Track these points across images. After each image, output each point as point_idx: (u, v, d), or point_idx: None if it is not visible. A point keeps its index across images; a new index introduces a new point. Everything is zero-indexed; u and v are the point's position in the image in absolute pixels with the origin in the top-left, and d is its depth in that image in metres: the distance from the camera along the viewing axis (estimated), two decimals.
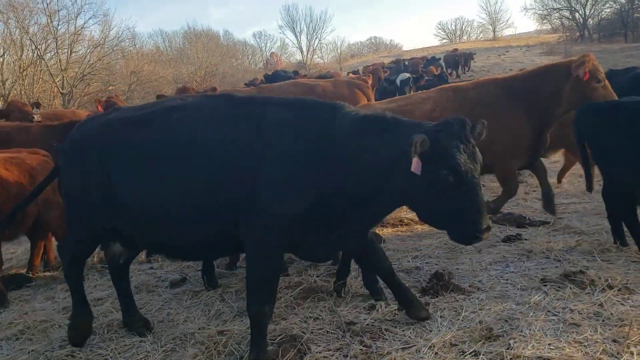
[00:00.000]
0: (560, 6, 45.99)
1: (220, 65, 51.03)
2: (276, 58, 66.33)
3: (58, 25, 35.92)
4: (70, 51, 36.70)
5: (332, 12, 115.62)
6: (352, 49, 79.84)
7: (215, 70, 48.65)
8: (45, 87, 35.07)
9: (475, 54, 34.90)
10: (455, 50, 36.86)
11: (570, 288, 4.00)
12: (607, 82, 5.67)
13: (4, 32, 34.35)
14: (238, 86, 25.37)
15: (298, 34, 67.48)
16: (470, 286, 4.25)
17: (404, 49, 74.10)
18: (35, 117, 9.15)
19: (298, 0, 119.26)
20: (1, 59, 34.16)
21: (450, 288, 4.17)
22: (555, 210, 6.03)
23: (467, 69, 32.86)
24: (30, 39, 34.89)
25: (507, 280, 4.34)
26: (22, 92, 33.10)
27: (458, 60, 31.93)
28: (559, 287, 4.04)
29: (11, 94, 33.31)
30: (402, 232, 6.11)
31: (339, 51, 69.15)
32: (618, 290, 3.91)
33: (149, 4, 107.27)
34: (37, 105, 9.77)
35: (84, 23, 37.48)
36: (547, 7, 47.79)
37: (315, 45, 67.53)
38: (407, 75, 11.38)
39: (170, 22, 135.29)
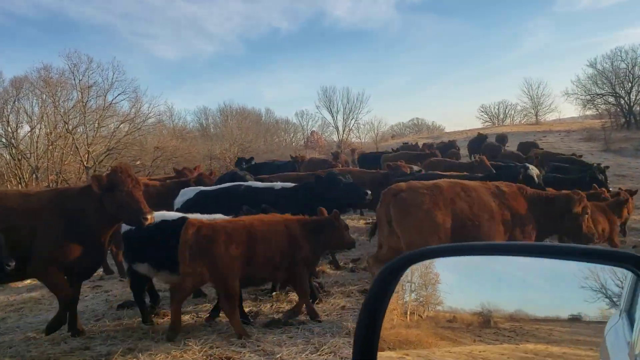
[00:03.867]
0: (603, 92, 43.30)
1: (254, 142, 51.34)
2: (316, 136, 66.83)
3: (88, 100, 36.47)
4: (98, 126, 37.02)
5: (370, 94, 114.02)
6: (394, 129, 79.37)
7: (248, 147, 48.69)
8: (74, 160, 35.26)
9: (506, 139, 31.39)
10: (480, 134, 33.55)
11: None
12: None
13: (39, 106, 35.37)
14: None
15: (335, 113, 67.68)
16: None
17: (446, 130, 72.87)
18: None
19: (338, 82, 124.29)
20: (37, 131, 34.95)
21: None
22: None
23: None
24: (61, 115, 35.40)
25: None
26: (51, 165, 33.41)
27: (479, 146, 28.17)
28: None
29: (41, 167, 33.65)
30: None
31: (375, 131, 68.64)
32: None
33: (207, 86, 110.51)
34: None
35: (113, 99, 38.03)
36: (590, 93, 45.24)
37: (351, 125, 67.37)
38: None
39: (227, 102, 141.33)
